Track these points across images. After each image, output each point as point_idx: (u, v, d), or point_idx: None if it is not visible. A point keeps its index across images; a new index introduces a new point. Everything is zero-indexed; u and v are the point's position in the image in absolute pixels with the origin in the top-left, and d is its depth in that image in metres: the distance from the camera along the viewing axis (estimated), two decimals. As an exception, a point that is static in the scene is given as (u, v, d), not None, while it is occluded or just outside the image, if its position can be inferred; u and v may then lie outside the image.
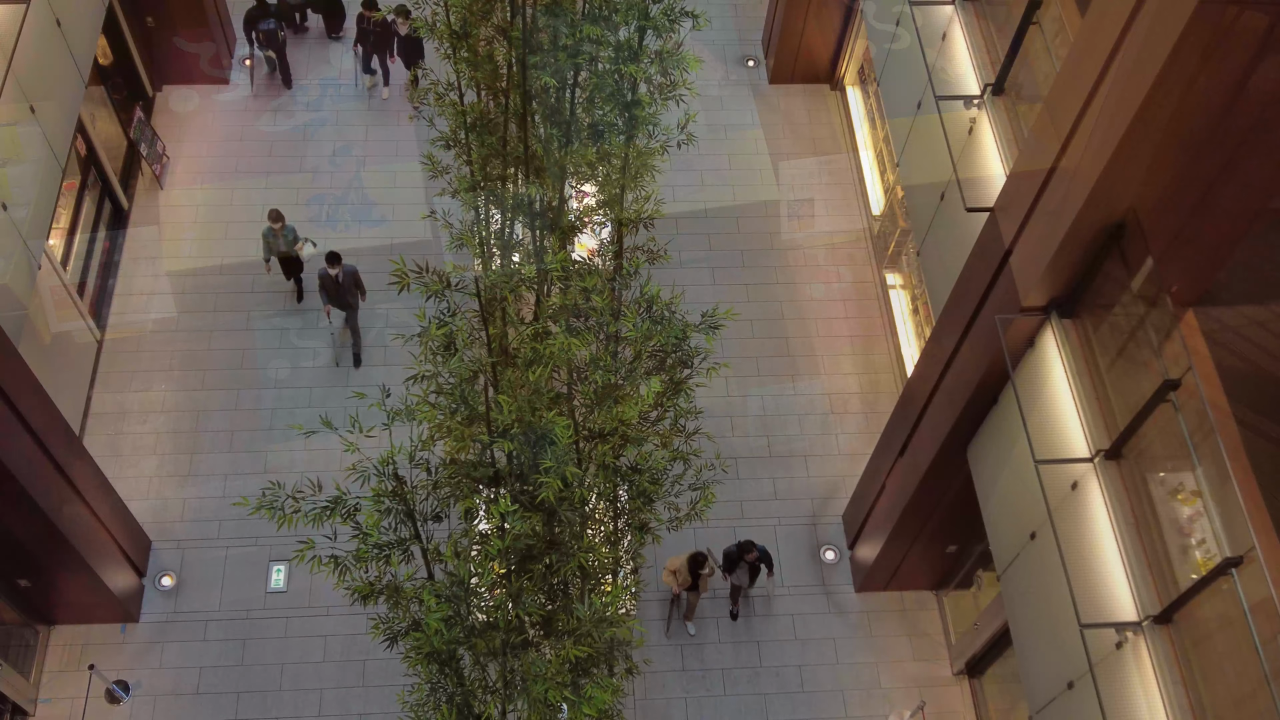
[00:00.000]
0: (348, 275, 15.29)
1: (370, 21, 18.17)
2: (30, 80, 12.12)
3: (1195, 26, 7.21)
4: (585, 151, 10.81)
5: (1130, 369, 9.05)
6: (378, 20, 18.14)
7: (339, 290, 15.40)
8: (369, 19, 18.15)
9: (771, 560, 14.21)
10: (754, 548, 13.71)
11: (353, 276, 15.40)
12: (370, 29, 18.23)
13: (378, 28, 18.21)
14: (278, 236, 15.75)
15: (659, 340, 8.76)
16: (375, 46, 18.47)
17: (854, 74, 19.24)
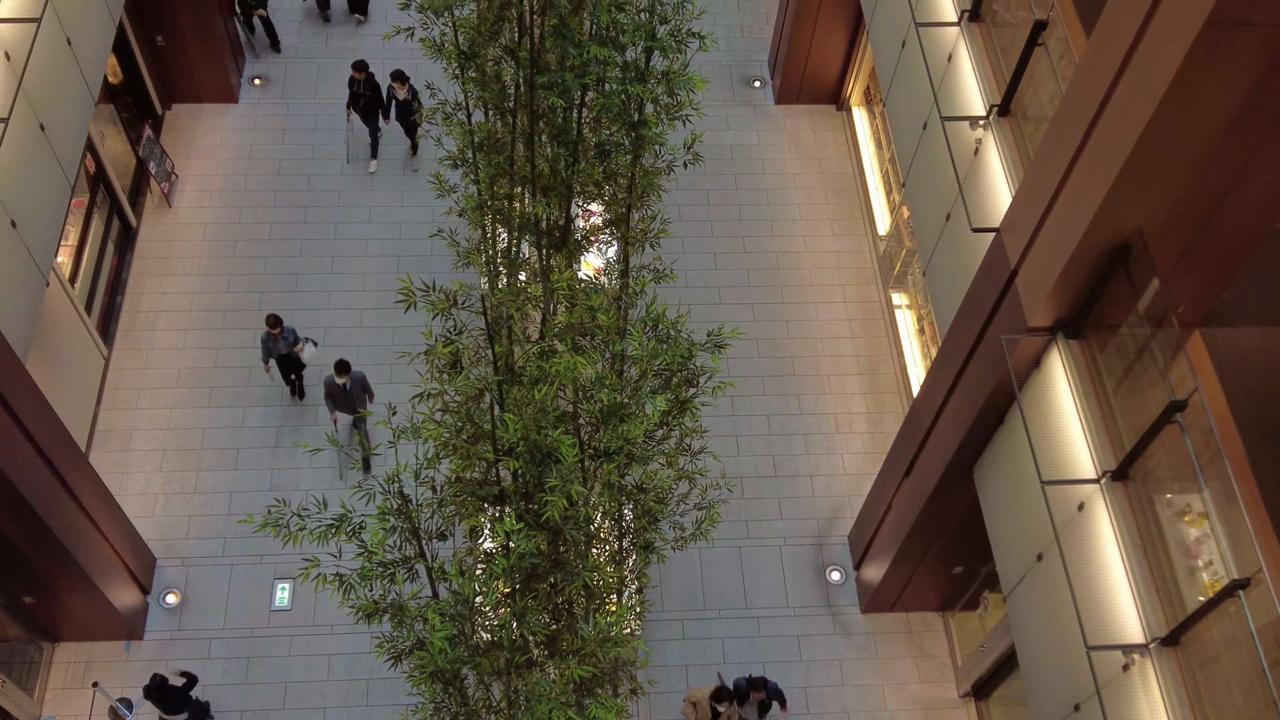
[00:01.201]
0: (355, 382, 14.66)
1: (360, 85, 17.48)
2: (40, 98, 12.20)
3: (1200, 47, 7.23)
4: (592, 171, 10.84)
5: (1136, 390, 9.03)
6: (364, 80, 17.44)
7: (347, 398, 14.80)
8: (359, 81, 17.46)
9: (783, 697, 13.47)
10: (764, 686, 13.13)
11: (360, 382, 14.76)
12: (361, 92, 17.53)
13: (368, 90, 17.54)
14: (277, 340, 15.10)
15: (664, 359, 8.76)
16: (366, 110, 17.75)
17: (860, 95, 19.30)
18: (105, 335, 16.43)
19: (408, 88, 17.49)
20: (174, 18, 17.74)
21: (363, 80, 17.42)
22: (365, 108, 17.70)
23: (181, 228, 17.70)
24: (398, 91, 17.55)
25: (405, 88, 17.47)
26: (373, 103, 17.69)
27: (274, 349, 15.23)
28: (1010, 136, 11.12)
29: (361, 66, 17.30)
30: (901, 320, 17.06)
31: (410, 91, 17.56)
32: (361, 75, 17.35)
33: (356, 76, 17.39)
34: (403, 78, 17.33)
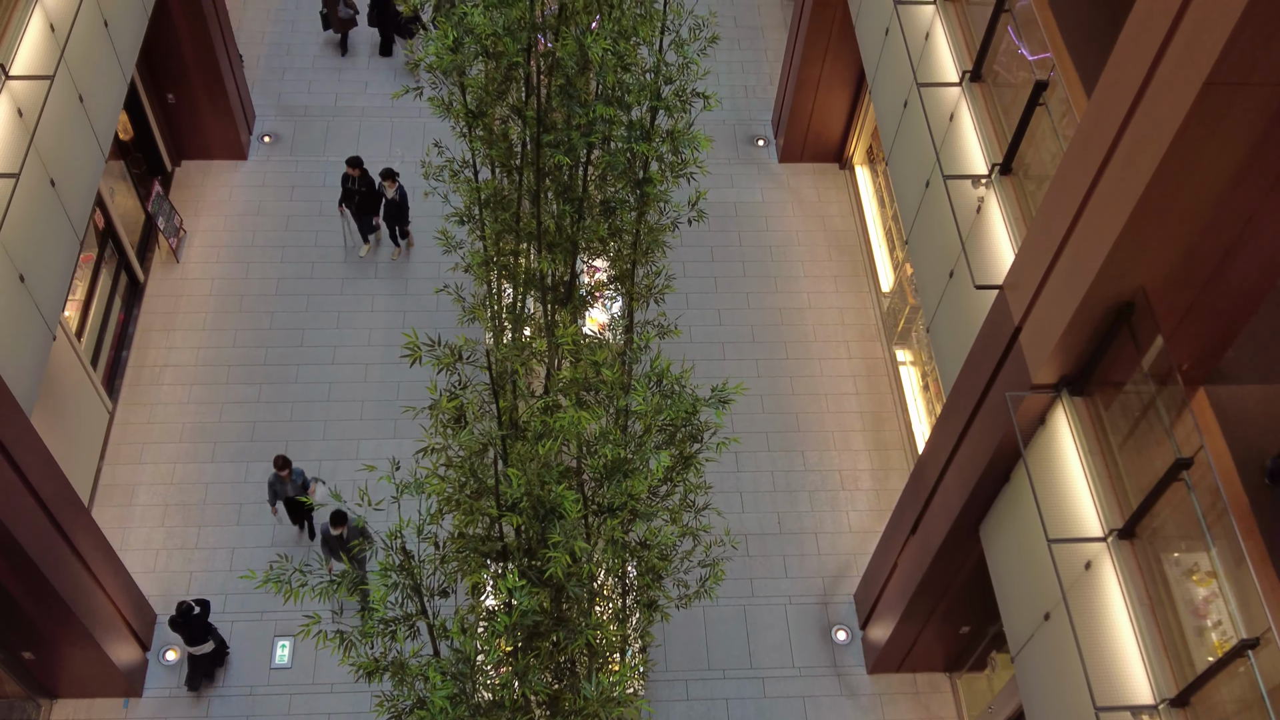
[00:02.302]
0: (353, 531, 13.94)
1: (353, 181, 17.31)
2: (51, 154, 12.34)
3: (1200, 107, 7.31)
4: (597, 227, 10.92)
5: (1142, 447, 9.00)
6: (358, 176, 17.28)
7: (344, 546, 13.97)
8: (353, 177, 17.27)
9: None
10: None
11: (358, 531, 14.02)
12: (355, 188, 17.36)
13: (363, 186, 17.38)
14: (285, 483, 14.54)
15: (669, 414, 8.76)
16: (360, 206, 17.55)
17: (863, 154, 19.47)
18: (110, 389, 16.46)
19: (397, 186, 17.22)
20: (185, 75, 17.99)
21: (357, 176, 17.25)
22: (359, 204, 17.50)
23: (189, 283, 17.80)
24: (386, 190, 17.24)
25: (395, 186, 17.19)
26: (367, 199, 17.50)
27: (282, 492, 14.61)
28: (1012, 194, 11.20)
29: (356, 163, 17.11)
30: (906, 377, 17.06)
31: (399, 191, 17.28)
32: (356, 171, 17.17)
33: (351, 173, 17.20)
34: (392, 176, 17.09)
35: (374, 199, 17.59)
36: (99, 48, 13.78)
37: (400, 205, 17.44)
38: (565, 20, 10.11)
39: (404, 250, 18.26)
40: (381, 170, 17.13)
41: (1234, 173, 7.80)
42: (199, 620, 13.60)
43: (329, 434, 16.35)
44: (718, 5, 22.33)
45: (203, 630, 13.67)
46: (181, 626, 13.56)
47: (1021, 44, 11.31)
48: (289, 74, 20.69)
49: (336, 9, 20.48)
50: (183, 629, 13.58)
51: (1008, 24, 11.57)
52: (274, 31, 21.35)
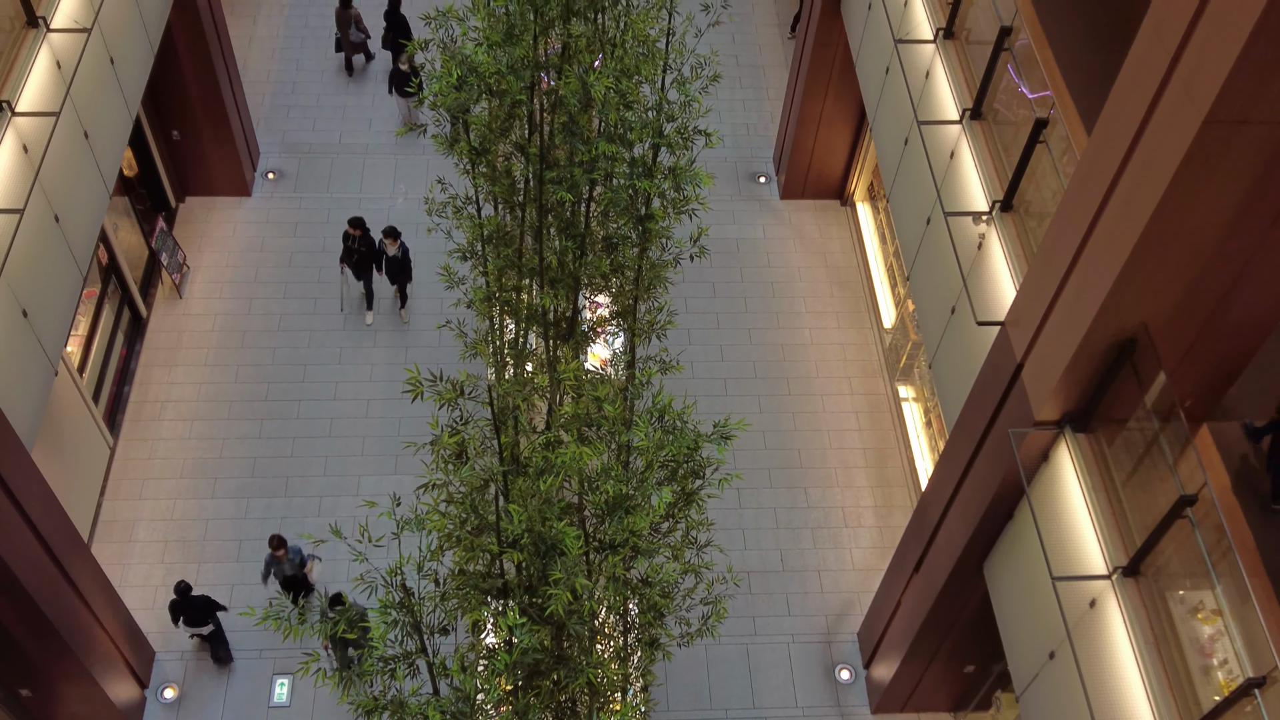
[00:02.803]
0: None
1: (354, 240, 17.22)
2: (56, 190, 12.40)
3: (1199, 146, 7.34)
4: (599, 263, 10.94)
5: (1146, 484, 8.97)
6: (359, 236, 17.18)
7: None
8: (353, 237, 17.18)
9: None
10: None
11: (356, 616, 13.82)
12: (356, 247, 17.28)
13: (363, 245, 17.27)
14: (281, 563, 14.31)
15: (670, 450, 8.73)
16: (359, 264, 17.45)
17: (864, 190, 19.55)
18: (112, 425, 16.45)
19: (399, 244, 17.18)
20: (190, 112, 18.12)
21: (358, 236, 17.17)
22: (359, 263, 17.42)
23: (191, 318, 17.84)
24: (388, 247, 17.18)
25: (396, 244, 17.14)
26: (367, 258, 17.42)
27: (280, 571, 14.43)
28: (1013, 231, 11.23)
29: (358, 223, 17.05)
30: (908, 413, 17.03)
31: (401, 249, 17.25)
32: (357, 231, 17.10)
33: (351, 232, 17.12)
34: (394, 234, 17.05)
35: (375, 258, 17.50)
36: (105, 85, 13.88)
37: (403, 263, 17.33)
38: (568, 59, 10.19)
39: (407, 309, 18.07)
40: (384, 229, 17.07)
41: (1234, 210, 7.83)
42: (200, 601, 13.79)
43: (330, 470, 16.32)
44: (719, 44, 22.51)
45: (202, 611, 13.85)
46: (181, 607, 13.80)
47: (1021, 82, 11.39)
48: (294, 111, 20.83)
49: (348, 33, 20.85)
50: (183, 609, 13.82)
51: (1007, 63, 11.65)
52: (279, 69, 21.53)
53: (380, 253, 17.42)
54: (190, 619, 13.90)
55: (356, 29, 20.89)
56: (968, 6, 12.81)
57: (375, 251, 17.45)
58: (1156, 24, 7.77)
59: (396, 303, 18.17)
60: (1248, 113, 7.14)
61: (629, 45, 10.01)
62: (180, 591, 13.71)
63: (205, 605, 13.89)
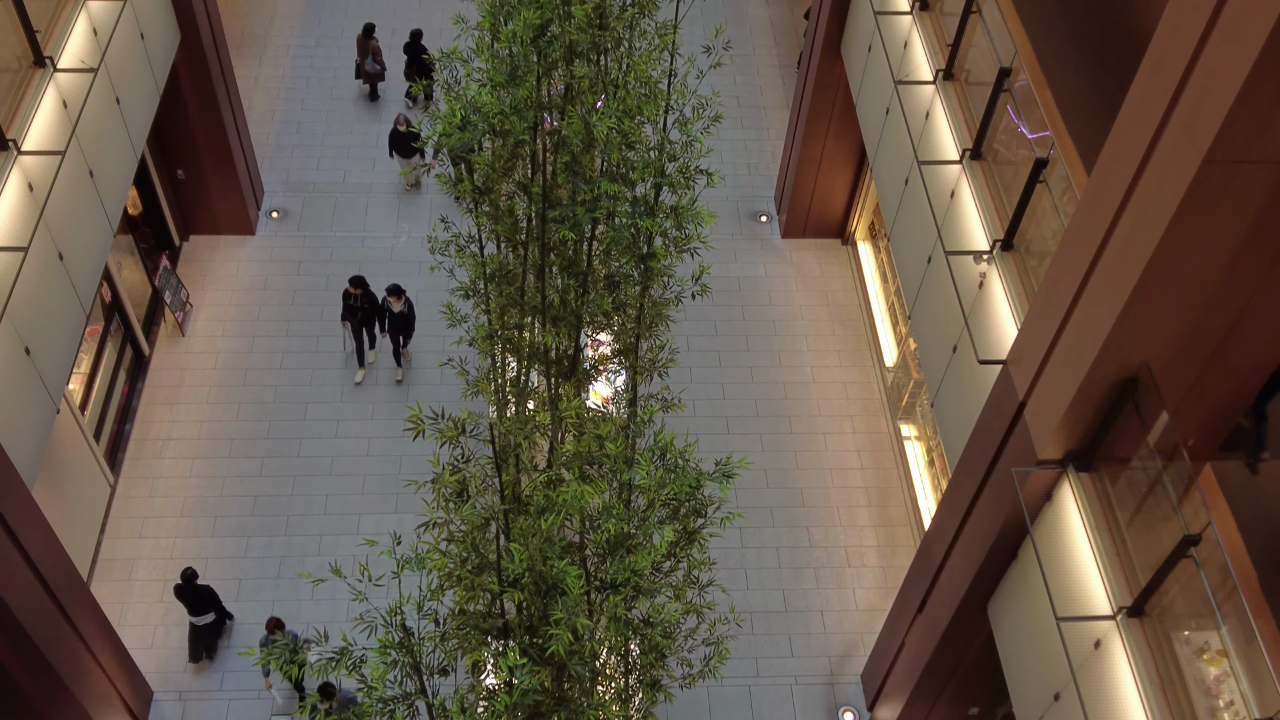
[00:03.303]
0: (342, 703, 13.36)
1: (356, 299, 17.07)
2: (60, 228, 12.46)
3: (1199, 185, 7.37)
4: (601, 301, 10.97)
5: (1150, 524, 8.93)
6: (360, 295, 17.07)
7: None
8: (354, 295, 17.05)
9: None
10: None
11: (348, 702, 13.44)
12: (358, 305, 17.13)
13: (366, 303, 17.15)
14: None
15: (672, 489, 8.71)
16: (361, 322, 17.29)
17: (865, 230, 19.63)
18: (113, 463, 16.42)
19: (404, 300, 17.06)
20: (195, 152, 18.24)
21: (359, 295, 17.07)
22: (362, 319, 17.32)
23: (194, 356, 17.86)
24: (393, 305, 17.02)
25: (401, 300, 17.00)
26: (369, 315, 17.34)
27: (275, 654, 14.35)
28: (1014, 270, 11.26)
29: (359, 282, 16.97)
30: (911, 452, 16.99)
31: (406, 304, 17.11)
32: (358, 290, 17.01)
33: (352, 291, 17.02)
34: (399, 291, 16.92)
35: (376, 315, 17.39)
36: (110, 124, 13.99)
37: (408, 318, 17.21)
38: (571, 99, 10.27)
39: (406, 367, 17.85)
40: (388, 286, 16.93)
41: (1235, 249, 7.85)
42: (204, 590, 14.09)
43: (330, 508, 16.27)
44: (721, 85, 22.69)
45: (205, 601, 14.14)
46: (185, 593, 14.06)
47: (1021, 123, 11.46)
48: (298, 150, 20.97)
49: (364, 63, 21.28)
50: (187, 596, 14.06)
51: (1007, 103, 11.73)
52: (284, 109, 21.70)
53: (384, 310, 17.28)
54: (192, 607, 14.18)
55: (374, 61, 21.31)
56: (967, 48, 12.92)
57: (378, 309, 17.34)
58: (1155, 64, 7.83)
59: (396, 359, 17.88)
60: (1247, 152, 7.18)
61: (631, 86, 10.09)
62: (185, 579, 14.10)
63: (208, 596, 14.23)
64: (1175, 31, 7.57)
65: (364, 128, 21.49)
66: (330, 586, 15.35)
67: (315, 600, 15.30)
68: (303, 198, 20.20)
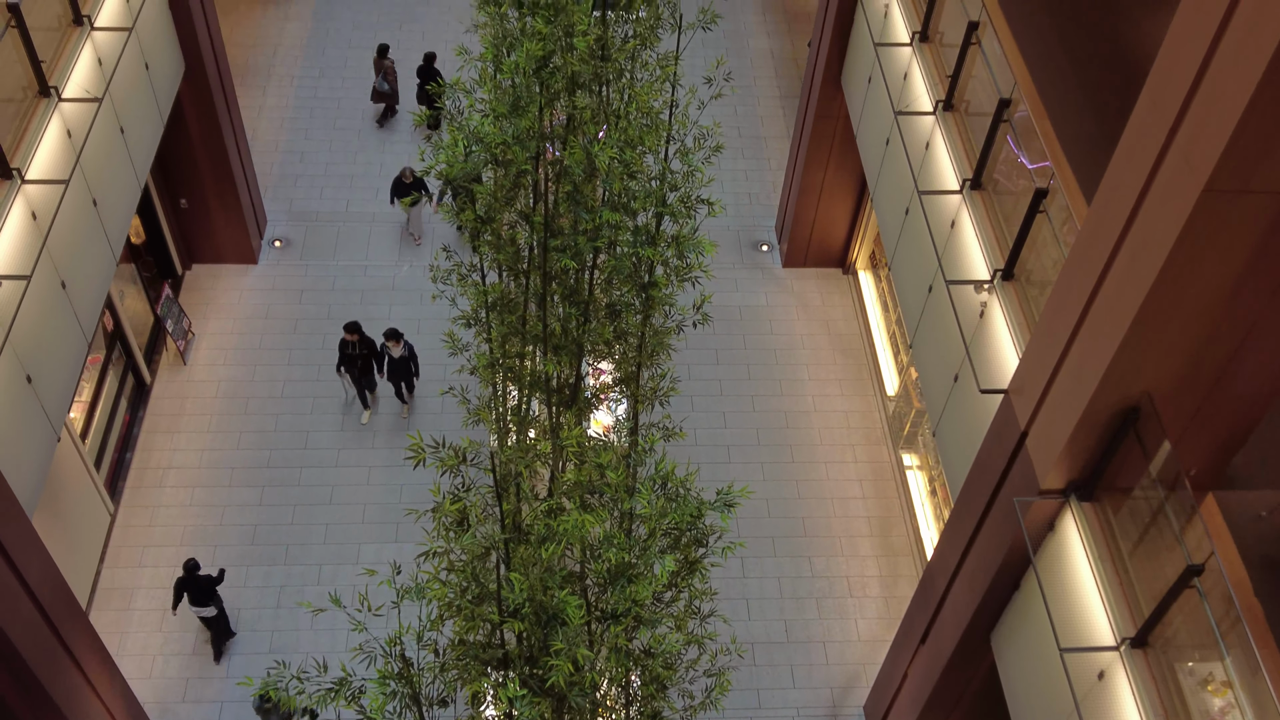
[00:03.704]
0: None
1: (352, 346, 16.82)
2: (63, 257, 12.49)
3: (1199, 215, 7.39)
4: (602, 330, 10.98)
5: (1153, 554, 8.89)
6: (356, 341, 16.81)
7: None
8: (350, 343, 16.79)
9: None
10: None
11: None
12: (355, 353, 16.88)
13: (364, 350, 16.90)
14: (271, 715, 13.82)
15: (674, 518, 8.68)
16: (361, 370, 17.07)
17: (865, 259, 19.67)
18: (113, 491, 16.39)
19: (403, 344, 16.80)
20: (199, 181, 18.32)
21: (355, 341, 16.79)
22: (361, 368, 17.07)
23: (195, 385, 17.86)
24: (392, 350, 16.79)
25: (400, 345, 16.76)
26: (367, 362, 17.06)
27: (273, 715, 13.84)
28: (1015, 299, 11.27)
29: (354, 328, 16.66)
30: (913, 481, 16.95)
31: (405, 348, 16.87)
32: (354, 336, 16.71)
33: (348, 338, 16.74)
34: (397, 336, 16.68)
35: (374, 361, 17.17)
36: (114, 153, 14.06)
37: (408, 363, 17.01)
38: (573, 130, 10.32)
39: (410, 407, 17.69)
40: (385, 331, 16.76)
41: (1235, 279, 7.86)
42: (206, 581, 14.27)
43: (330, 537, 16.22)
44: (722, 115, 22.80)
45: (207, 594, 14.31)
46: (187, 584, 14.24)
47: (1021, 153, 11.50)
48: (301, 180, 21.05)
49: (377, 82, 21.63)
50: (189, 586, 14.25)
51: (1007, 134, 11.78)
52: (288, 139, 21.81)
53: (382, 355, 17.08)
54: (194, 598, 14.30)
55: (384, 80, 21.55)
56: (966, 79, 12.99)
57: (375, 354, 17.11)
58: (1154, 94, 7.87)
59: (399, 400, 17.75)
60: (1247, 182, 7.20)
61: (633, 116, 10.14)
62: (188, 569, 14.22)
63: (209, 586, 14.35)
64: (1175, 61, 7.61)
65: (367, 157, 21.59)
66: (329, 616, 15.28)
67: (314, 630, 15.23)
68: (305, 227, 20.27)
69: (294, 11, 24.72)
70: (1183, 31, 7.52)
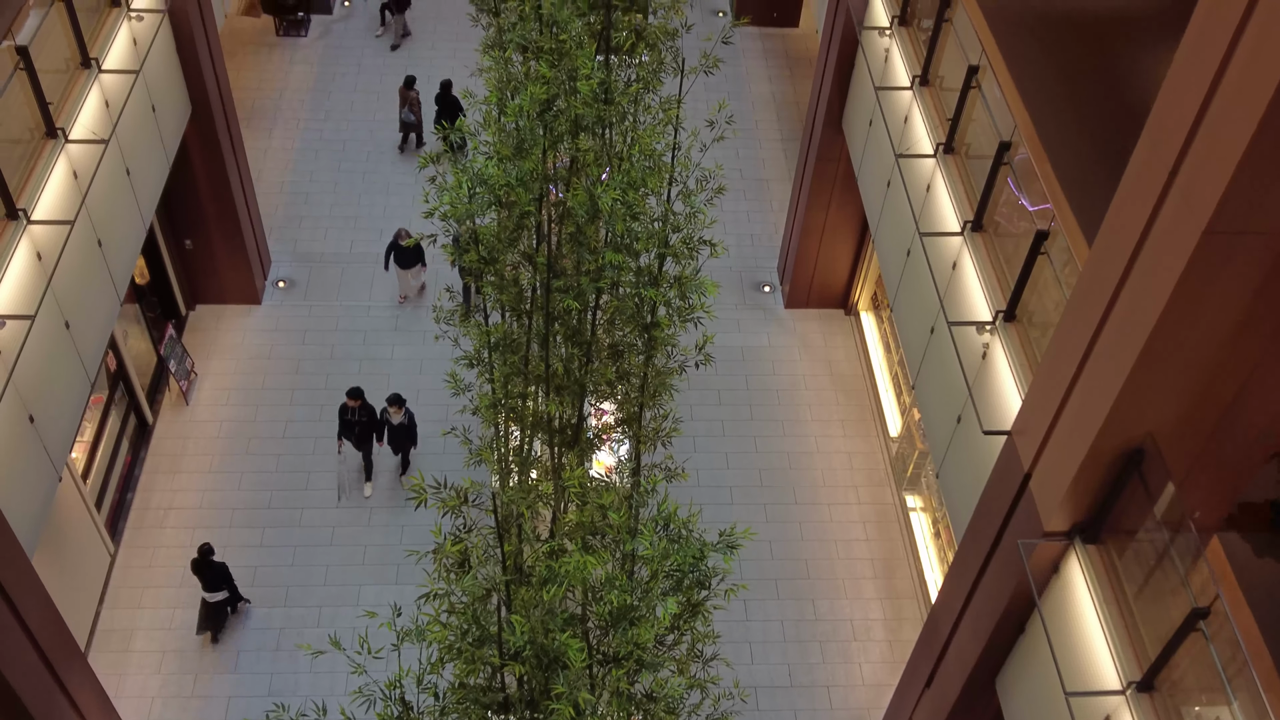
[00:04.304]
0: None
1: (353, 412, 16.51)
2: (68, 297, 12.53)
3: (1201, 255, 7.41)
4: (605, 370, 10.98)
5: (1158, 596, 8.83)
6: (358, 408, 16.51)
7: None
8: (352, 409, 16.51)
9: None
10: None
11: None
12: (356, 420, 16.56)
13: (364, 416, 16.58)
14: None
15: (676, 560, 8.63)
16: (360, 438, 16.72)
17: (867, 300, 19.71)
18: (114, 532, 16.33)
19: (404, 410, 16.59)
20: (204, 222, 18.41)
21: (356, 407, 16.48)
22: (360, 435, 16.70)
23: (197, 425, 17.84)
24: (393, 415, 16.53)
25: (401, 410, 16.52)
26: (368, 429, 16.71)
27: None
28: (1017, 341, 11.27)
29: (356, 394, 16.36)
30: (917, 523, 16.87)
31: (406, 415, 16.65)
32: (355, 403, 16.42)
33: (350, 404, 16.43)
34: (399, 401, 16.48)
35: (376, 428, 16.85)
36: (120, 194, 14.15)
37: (409, 429, 16.77)
38: (576, 172, 10.38)
39: (407, 475, 17.35)
40: (389, 397, 16.51)
41: (1236, 321, 7.86)
42: (219, 568, 14.83)
43: (330, 579, 16.14)
44: (724, 158, 22.94)
45: (219, 579, 14.87)
46: (200, 568, 14.80)
47: (1022, 195, 11.56)
48: (306, 221, 21.16)
49: (401, 113, 22.21)
50: (203, 572, 14.79)
51: (1007, 176, 11.85)
52: (293, 180, 21.95)
53: (383, 422, 16.78)
54: (206, 583, 14.80)
55: (409, 110, 22.08)
56: (967, 122, 13.08)
57: (377, 421, 16.80)
58: (1154, 136, 7.92)
59: (398, 470, 17.45)
60: (1247, 223, 7.23)
61: (636, 159, 10.20)
62: (202, 553, 14.79)
63: (222, 573, 14.91)
64: (1174, 103, 7.67)
65: (371, 199, 21.72)
66: (329, 659, 15.16)
67: (314, 673, 15.11)
68: (309, 267, 20.35)
69: (300, 55, 24.96)
70: (1182, 73, 7.58)
